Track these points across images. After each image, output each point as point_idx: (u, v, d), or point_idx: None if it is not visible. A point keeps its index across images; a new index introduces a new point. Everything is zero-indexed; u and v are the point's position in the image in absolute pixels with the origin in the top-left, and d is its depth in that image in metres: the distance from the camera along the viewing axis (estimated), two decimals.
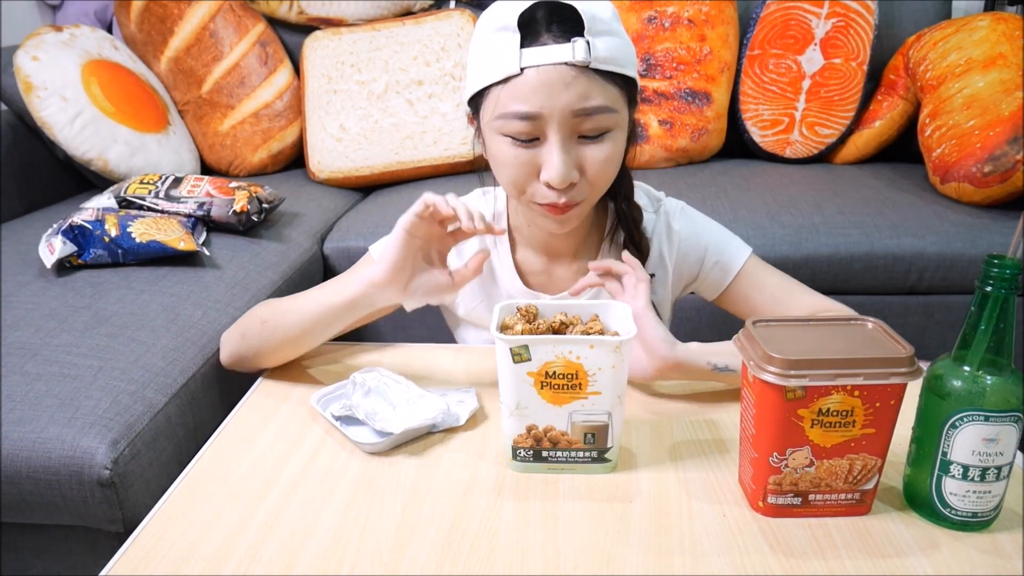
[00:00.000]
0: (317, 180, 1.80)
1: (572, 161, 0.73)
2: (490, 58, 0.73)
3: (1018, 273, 0.53)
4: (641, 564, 0.56)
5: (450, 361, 0.89)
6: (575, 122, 0.72)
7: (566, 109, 0.71)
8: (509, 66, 0.71)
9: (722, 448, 0.71)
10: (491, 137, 0.76)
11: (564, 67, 0.70)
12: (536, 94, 0.70)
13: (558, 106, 0.70)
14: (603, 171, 0.76)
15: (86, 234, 1.16)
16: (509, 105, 0.72)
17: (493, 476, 0.67)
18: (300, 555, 0.58)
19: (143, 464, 0.85)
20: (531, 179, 0.76)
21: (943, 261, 1.35)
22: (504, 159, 0.75)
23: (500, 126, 0.74)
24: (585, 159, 0.74)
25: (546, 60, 0.69)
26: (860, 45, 1.71)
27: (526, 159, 0.74)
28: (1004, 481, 0.57)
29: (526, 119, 0.72)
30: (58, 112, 1.53)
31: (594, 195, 0.79)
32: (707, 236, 0.90)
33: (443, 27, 1.80)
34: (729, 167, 1.75)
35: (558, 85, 0.70)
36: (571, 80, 0.70)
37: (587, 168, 0.75)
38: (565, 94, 0.70)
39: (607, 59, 0.71)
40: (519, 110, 0.71)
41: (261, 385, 0.85)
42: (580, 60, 0.69)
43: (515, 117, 0.72)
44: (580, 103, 0.71)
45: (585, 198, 0.77)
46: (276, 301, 0.87)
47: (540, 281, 0.91)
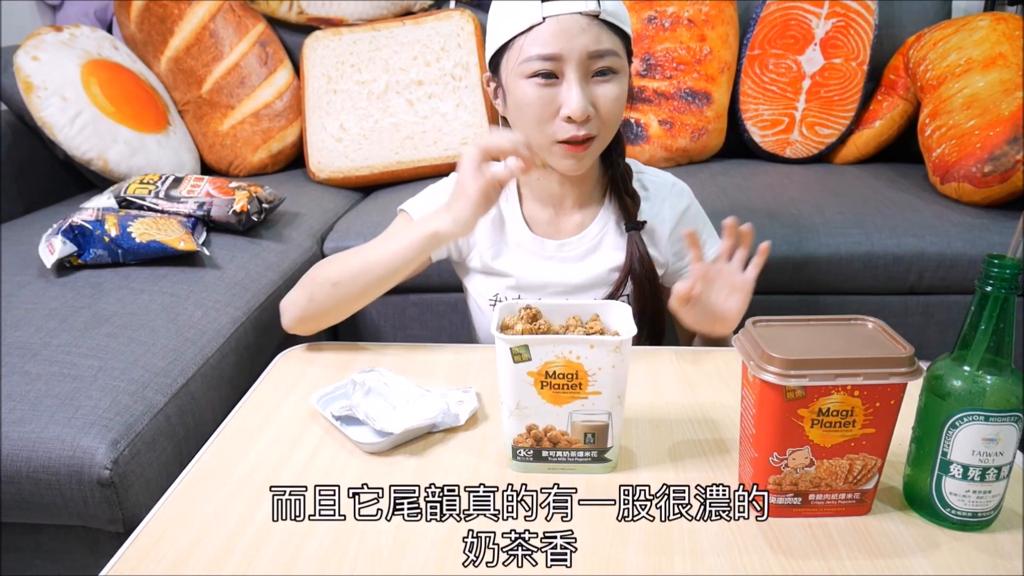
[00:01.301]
0: (317, 180, 1.80)
1: (588, 97, 0.85)
2: (513, 14, 0.85)
3: (1018, 273, 0.53)
4: (641, 564, 0.56)
5: (450, 361, 0.89)
6: (589, 63, 0.85)
7: (582, 50, 0.84)
8: (532, 17, 0.84)
9: (722, 448, 0.71)
10: (515, 83, 0.87)
11: (579, 16, 0.83)
12: (556, 38, 0.83)
13: (576, 47, 0.83)
14: (613, 108, 0.87)
15: (86, 234, 1.16)
16: (532, 49, 0.84)
17: (493, 476, 0.67)
18: (300, 555, 0.58)
19: (143, 464, 0.85)
20: (552, 117, 0.87)
21: (943, 261, 1.35)
22: (528, 100, 0.86)
23: (524, 69, 0.85)
24: (598, 96, 0.86)
25: (564, 10, 0.83)
26: (860, 45, 1.71)
27: (548, 98, 0.85)
28: (1004, 481, 0.57)
29: (548, 60, 0.84)
30: (58, 112, 1.53)
31: (605, 134, 0.89)
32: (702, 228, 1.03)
33: (443, 27, 1.80)
34: (729, 167, 1.75)
35: (575, 30, 0.83)
36: (585, 26, 0.84)
37: (599, 105, 0.86)
38: (581, 37, 0.83)
39: (612, 13, 0.85)
40: (542, 52, 0.84)
41: (261, 385, 0.85)
42: (591, 10, 0.83)
43: (538, 59, 0.84)
44: (594, 45, 0.84)
45: (598, 134, 0.88)
46: (339, 260, 0.93)
47: (546, 231, 1.00)
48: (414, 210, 1.00)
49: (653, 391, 0.81)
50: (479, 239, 1.00)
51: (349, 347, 0.93)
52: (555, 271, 0.98)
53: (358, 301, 0.91)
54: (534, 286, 0.98)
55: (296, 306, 0.92)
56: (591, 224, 0.99)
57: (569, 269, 0.98)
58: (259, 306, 1.18)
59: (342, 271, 0.90)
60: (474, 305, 1.06)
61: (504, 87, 0.90)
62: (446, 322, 1.50)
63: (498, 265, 1.00)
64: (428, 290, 1.46)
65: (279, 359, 0.91)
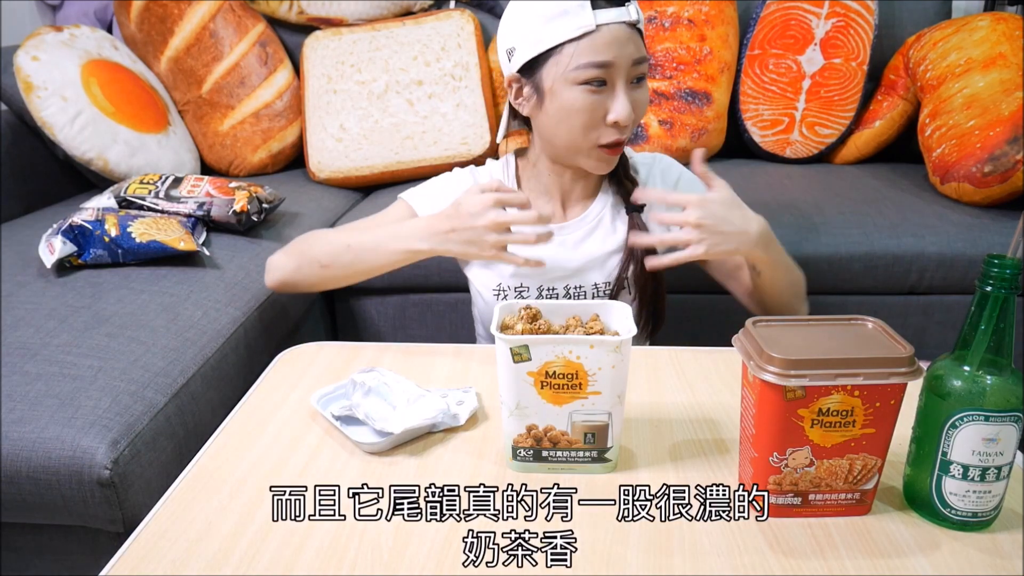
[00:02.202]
0: (317, 180, 1.80)
1: (631, 102, 0.90)
2: (561, 20, 0.87)
3: (1018, 273, 0.53)
4: (641, 564, 0.56)
5: (450, 361, 0.89)
6: (632, 70, 0.89)
7: (629, 58, 0.88)
8: (585, 24, 0.86)
9: (722, 448, 0.71)
10: (563, 88, 0.89)
11: (625, 25, 0.88)
12: (609, 47, 0.87)
13: (624, 56, 0.88)
14: (644, 111, 0.93)
15: (86, 234, 1.16)
16: (587, 56, 0.87)
17: (493, 476, 0.67)
18: (300, 555, 0.58)
19: (143, 464, 0.85)
20: (599, 123, 0.90)
21: (943, 261, 1.35)
22: (578, 106, 0.89)
23: (576, 76, 0.88)
24: (635, 101, 0.91)
25: (615, 19, 0.87)
26: (860, 45, 1.71)
27: (596, 104, 0.89)
28: (1004, 481, 0.57)
29: (602, 67, 0.87)
30: (58, 112, 1.53)
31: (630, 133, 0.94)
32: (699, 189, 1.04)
33: (443, 27, 1.80)
34: (729, 167, 1.74)
35: (623, 39, 0.87)
36: (629, 35, 0.88)
37: (636, 109, 0.91)
38: (628, 46, 0.88)
39: (640, 20, 0.91)
40: (597, 60, 0.87)
41: (261, 385, 0.85)
42: (633, 19, 0.88)
43: (592, 66, 0.87)
44: (637, 53, 0.89)
45: (627, 136, 0.93)
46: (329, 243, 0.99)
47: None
48: (415, 202, 1.03)
49: (653, 391, 0.81)
50: None
51: (349, 347, 0.93)
52: (554, 255, 0.98)
53: (337, 284, 1.02)
54: (535, 272, 0.99)
55: (282, 271, 1.02)
56: (588, 209, 1.02)
57: (568, 253, 1.00)
58: (259, 306, 1.18)
59: (332, 257, 0.98)
60: (476, 296, 1.07)
61: (545, 91, 0.91)
62: (446, 322, 1.50)
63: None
64: (428, 290, 1.46)
65: (279, 359, 0.91)
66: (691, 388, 0.82)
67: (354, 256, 0.97)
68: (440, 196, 1.00)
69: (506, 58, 0.94)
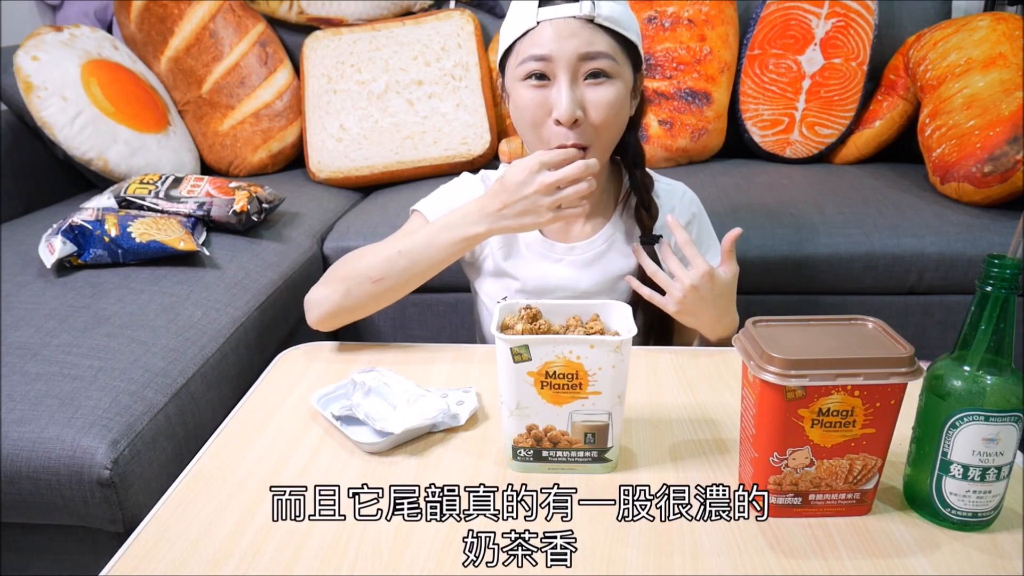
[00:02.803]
0: (317, 180, 1.80)
1: (576, 99, 0.85)
2: (514, 20, 0.88)
3: (1018, 273, 0.53)
4: (641, 564, 0.56)
5: (450, 361, 0.89)
6: (580, 65, 0.85)
7: (573, 53, 0.84)
8: (528, 22, 0.85)
9: (722, 448, 0.71)
10: (513, 87, 0.89)
11: (572, 20, 0.84)
12: (548, 40, 0.84)
13: (566, 49, 0.84)
14: (606, 113, 0.86)
15: (86, 234, 1.16)
16: (528, 50, 0.86)
17: (493, 476, 0.67)
18: (300, 555, 0.58)
19: (143, 464, 0.85)
20: (545, 119, 0.87)
21: (943, 261, 1.35)
22: (523, 102, 0.87)
23: (520, 71, 0.87)
24: (588, 100, 0.86)
25: (558, 14, 0.84)
26: (860, 45, 1.71)
27: (540, 100, 0.86)
28: (1004, 481, 0.57)
29: (539, 60, 0.85)
30: (58, 112, 1.53)
31: (601, 142, 0.89)
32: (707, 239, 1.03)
33: (443, 27, 1.80)
34: (729, 167, 1.75)
35: (565, 32, 0.84)
36: (577, 29, 0.84)
37: (589, 109, 0.86)
38: (572, 40, 0.84)
39: (609, 18, 0.85)
40: (534, 53, 0.85)
41: (261, 385, 0.85)
42: (585, 14, 0.84)
43: (531, 59, 0.85)
44: (585, 47, 0.84)
45: (592, 143, 0.88)
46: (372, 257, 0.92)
47: (557, 236, 1.00)
48: (429, 211, 0.99)
49: (653, 391, 0.81)
50: (492, 241, 1.00)
51: (349, 347, 0.93)
52: (563, 275, 0.97)
53: (392, 297, 0.92)
54: (541, 290, 0.98)
55: (328, 301, 0.91)
56: (602, 230, 0.99)
57: (577, 273, 0.98)
58: (259, 306, 1.18)
59: (384, 269, 0.90)
60: (483, 308, 1.06)
61: (507, 92, 0.92)
62: (446, 322, 1.50)
63: (509, 267, 0.99)
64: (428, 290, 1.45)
65: (279, 359, 0.91)
66: (691, 388, 0.82)
67: (408, 261, 0.89)
68: (453, 202, 0.98)
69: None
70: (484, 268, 1.02)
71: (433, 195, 1.02)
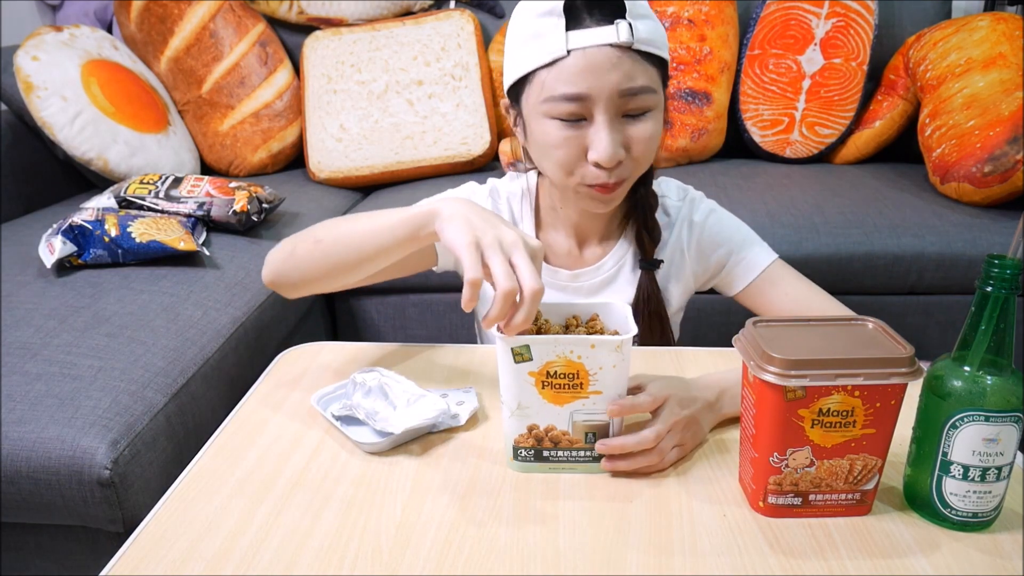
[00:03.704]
0: (317, 180, 1.80)
1: (619, 140, 0.76)
2: (535, 43, 0.74)
3: (1018, 273, 0.53)
4: (641, 564, 0.56)
5: (450, 361, 0.89)
6: (621, 102, 0.74)
7: (613, 89, 0.73)
8: (556, 49, 0.73)
9: (722, 448, 0.71)
10: (537, 121, 0.78)
11: (609, 48, 0.72)
12: (583, 75, 0.72)
13: (605, 87, 0.73)
14: (647, 149, 0.78)
15: (86, 234, 1.16)
16: (556, 87, 0.74)
17: (493, 476, 0.67)
18: (300, 555, 0.58)
19: (143, 464, 0.85)
20: (579, 160, 0.77)
21: (943, 261, 1.35)
22: (552, 141, 0.77)
23: (548, 109, 0.75)
24: (631, 137, 0.77)
25: (592, 42, 0.72)
26: (860, 45, 1.71)
27: (574, 140, 0.76)
28: (1004, 481, 0.57)
29: (574, 100, 0.74)
30: (58, 112, 1.53)
31: (636, 173, 0.81)
32: (733, 234, 0.93)
33: (443, 27, 1.80)
34: (729, 167, 1.75)
35: (604, 66, 0.72)
36: (616, 61, 0.72)
37: (632, 146, 0.77)
38: (611, 74, 0.72)
39: (647, 40, 0.73)
40: (567, 92, 0.73)
41: (261, 385, 0.85)
42: (624, 41, 0.72)
43: (563, 99, 0.74)
44: (626, 83, 0.73)
45: (629, 176, 0.80)
46: (334, 221, 0.81)
47: (562, 262, 0.94)
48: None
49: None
50: None
51: (349, 347, 0.93)
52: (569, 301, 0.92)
53: (338, 271, 0.79)
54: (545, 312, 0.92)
55: (277, 259, 0.83)
56: (607, 256, 0.92)
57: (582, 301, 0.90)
58: (259, 306, 1.18)
59: (328, 231, 0.79)
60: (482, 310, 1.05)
61: (525, 121, 0.81)
62: (446, 322, 1.50)
63: None
64: (428, 290, 1.46)
65: (279, 359, 0.91)
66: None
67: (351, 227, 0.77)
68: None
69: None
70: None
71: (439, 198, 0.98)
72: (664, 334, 0.94)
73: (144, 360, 0.95)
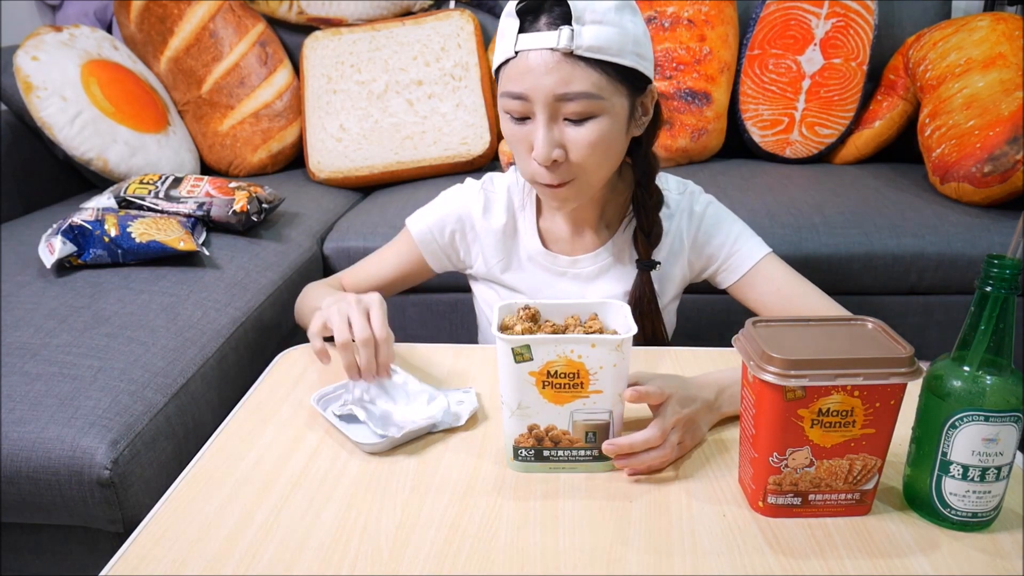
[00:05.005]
0: (317, 180, 1.80)
1: (553, 140, 0.78)
2: (500, 42, 0.80)
3: (1018, 273, 0.53)
4: (641, 564, 0.56)
5: (450, 361, 0.89)
6: (557, 105, 0.77)
7: (548, 92, 0.76)
8: (508, 49, 0.78)
9: (722, 448, 0.71)
10: (500, 114, 0.83)
11: (548, 52, 0.75)
12: (524, 76, 0.76)
13: (541, 89, 0.76)
14: (588, 154, 0.79)
15: (86, 234, 1.16)
16: (506, 85, 0.79)
17: (493, 476, 0.67)
18: (300, 555, 0.58)
19: (143, 464, 0.85)
20: (528, 154, 0.81)
21: (943, 261, 1.35)
22: (507, 135, 0.83)
23: (502, 104, 0.81)
24: (568, 141, 0.79)
25: (533, 45, 0.75)
26: (860, 45, 1.71)
27: (521, 136, 0.81)
28: (1004, 481, 0.57)
29: (517, 98, 0.78)
30: (58, 112, 1.53)
31: (586, 176, 0.82)
32: (729, 228, 0.95)
33: (443, 27, 1.80)
34: (729, 167, 1.75)
35: (540, 69, 0.75)
36: (554, 65, 0.75)
37: (570, 149, 0.79)
38: (547, 78, 0.75)
39: (593, 47, 0.74)
40: (511, 90, 0.78)
41: (261, 385, 0.85)
42: (562, 47, 0.74)
43: (509, 96, 0.79)
44: (562, 87, 0.75)
45: (575, 178, 0.81)
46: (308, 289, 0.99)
47: (561, 247, 0.95)
48: (414, 225, 0.99)
49: None
50: (486, 251, 0.97)
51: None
52: (566, 289, 0.95)
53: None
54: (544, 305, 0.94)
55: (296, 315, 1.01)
56: (607, 244, 0.94)
57: (581, 288, 0.95)
58: (259, 306, 1.18)
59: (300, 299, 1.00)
60: (480, 311, 1.05)
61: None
62: (446, 322, 1.50)
63: (508, 279, 0.97)
64: (428, 290, 1.46)
65: (279, 359, 0.91)
66: None
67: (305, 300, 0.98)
68: (439, 215, 0.97)
69: None
70: (478, 275, 1.01)
71: (428, 206, 1.00)
72: (656, 329, 0.95)
73: (144, 360, 0.95)
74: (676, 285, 0.98)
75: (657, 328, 0.94)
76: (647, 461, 0.66)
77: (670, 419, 0.66)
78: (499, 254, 0.97)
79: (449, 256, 1.00)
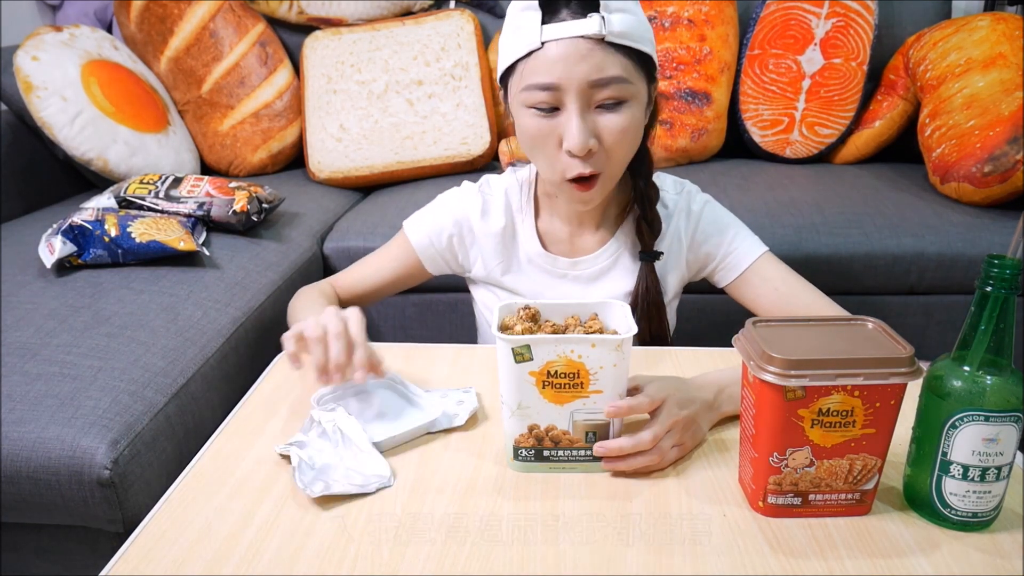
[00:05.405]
0: (317, 180, 1.80)
1: (589, 129, 0.78)
2: (516, 36, 0.78)
3: (1018, 273, 0.53)
4: (641, 564, 0.56)
5: (450, 361, 0.89)
6: (591, 92, 0.77)
7: (583, 79, 0.76)
8: (531, 41, 0.77)
9: (722, 448, 0.71)
10: (518, 111, 0.82)
11: (580, 40, 0.75)
12: (555, 66, 0.76)
13: (575, 76, 0.76)
14: (620, 140, 0.80)
15: (86, 234, 1.16)
16: (531, 77, 0.78)
17: (493, 476, 0.67)
18: (300, 555, 0.58)
19: (143, 464, 0.85)
20: (556, 149, 0.80)
21: (943, 261, 1.35)
22: (529, 131, 0.81)
23: (524, 98, 0.79)
24: (602, 128, 0.79)
25: (564, 34, 0.75)
26: (860, 45, 1.71)
27: (548, 130, 0.79)
28: (1004, 481, 0.57)
29: (546, 89, 0.77)
30: (58, 112, 1.53)
31: (613, 168, 0.83)
32: (726, 227, 0.95)
33: (443, 27, 1.80)
34: (729, 167, 1.75)
35: (574, 57, 0.75)
36: (587, 52, 0.75)
37: (604, 136, 0.79)
38: (582, 65, 0.75)
39: (621, 33, 0.76)
40: (540, 81, 0.77)
41: (261, 385, 0.85)
42: (595, 33, 0.75)
43: (536, 88, 0.77)
44: (596, 74, 0.76)
45: (605, 169, 0.82)
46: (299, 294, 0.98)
47: (561, 249, 0.96)
48: (412, 230, 0.99)
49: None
50: (485, 254, 0.97)
51: None
52: (567, 291, 0.95)
53: None
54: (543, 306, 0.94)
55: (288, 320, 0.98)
56: (607, 244, 0.94)
57: (582, 290, 0.95)
58: (259, 306, 1.18)
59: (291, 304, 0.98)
60: (480, 315, 1.05)
61: (510, 110, 0.86)
62: (446, 322, 1.50)
63: (508, 281, 0.97)
64: (428, 290, 1.46)
65: (279, 359, 0.91)
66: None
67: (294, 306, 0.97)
68: (437, 220, 0.97)
69: None
70: (477, 279, 1.00)
71: (426, 210, 1.00)
72: (661, 324, 0.95)
73: (144, 360, 0.95)
74: (675, 284, 0.98)
75: (662, 317, 0.95)
76: (634, 465, 0.66)
77: (666, 423, 0.66)
78: (498, 257, 0.97)
79: (448, 261, 1.00)
